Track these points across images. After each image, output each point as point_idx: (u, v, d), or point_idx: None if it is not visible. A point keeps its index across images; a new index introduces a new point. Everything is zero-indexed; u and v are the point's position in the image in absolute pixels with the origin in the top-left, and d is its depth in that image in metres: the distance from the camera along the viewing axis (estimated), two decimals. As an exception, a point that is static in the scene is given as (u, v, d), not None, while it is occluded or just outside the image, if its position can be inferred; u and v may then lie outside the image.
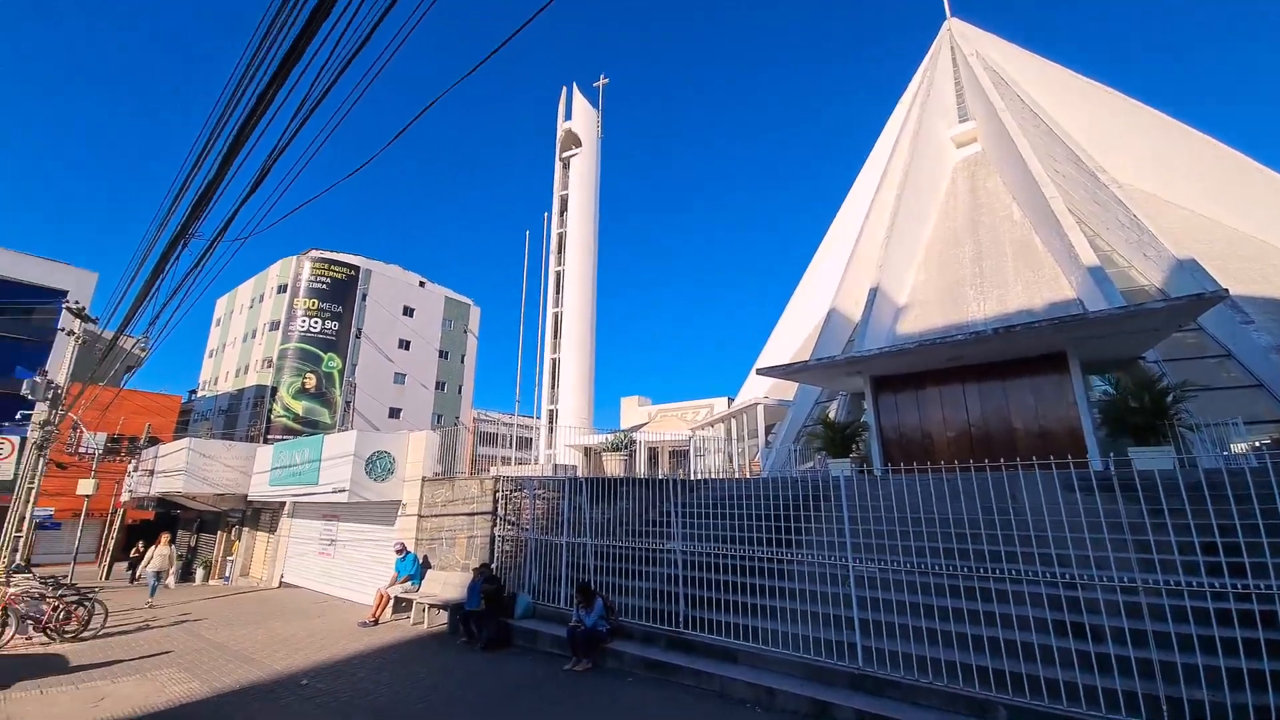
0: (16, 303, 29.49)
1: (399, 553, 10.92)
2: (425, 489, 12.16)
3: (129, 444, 23.44)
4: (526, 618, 8.88)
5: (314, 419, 31.37)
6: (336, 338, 34.53)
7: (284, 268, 37.68)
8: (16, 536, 13.84)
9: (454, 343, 45.95)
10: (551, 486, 10.43)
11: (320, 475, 12.89)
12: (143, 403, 29.59)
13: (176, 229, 4.92)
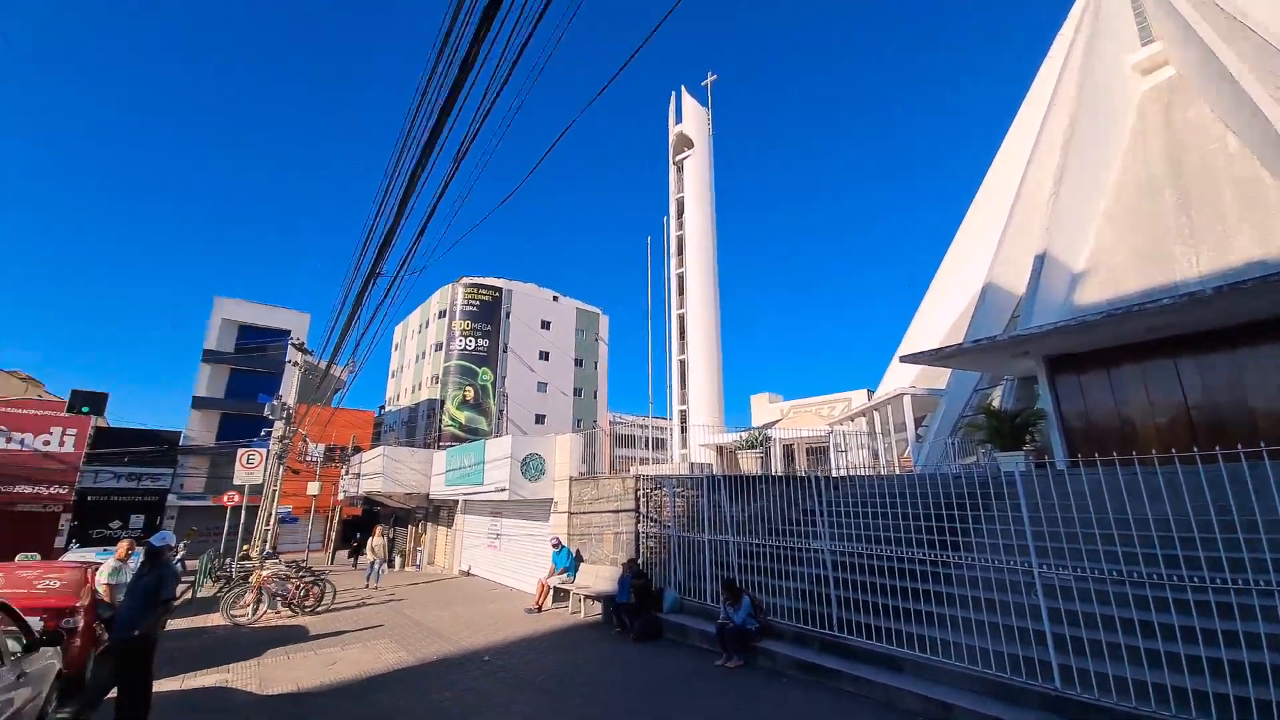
0: (258, 343, 37.08)
1: (555, 546, 11.84)
2: (573, 488, 13.04)
3: (340, 452, 28.19)
4: (674, 612, 9.13)
5: (475, 427, 35.16)
6: (488, 353, 38.41)
7: (442, 295, 42.91)
8: (266, 529, 17.40)
9: (587, 351, 48.63)
10: (689, 485, 10.61)
11: (484, 476, 14.45)
12: (348, 418, 35.51)
13: (368, 270, 5.99)
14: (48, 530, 26.74)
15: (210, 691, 6.47)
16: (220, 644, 8.95)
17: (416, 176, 5.01)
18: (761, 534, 8.96)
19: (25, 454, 28.23)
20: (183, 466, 32.30)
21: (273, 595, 11.39)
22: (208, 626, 10.41)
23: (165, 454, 32.16)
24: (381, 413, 50.28)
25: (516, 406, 41.14)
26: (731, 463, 17.19)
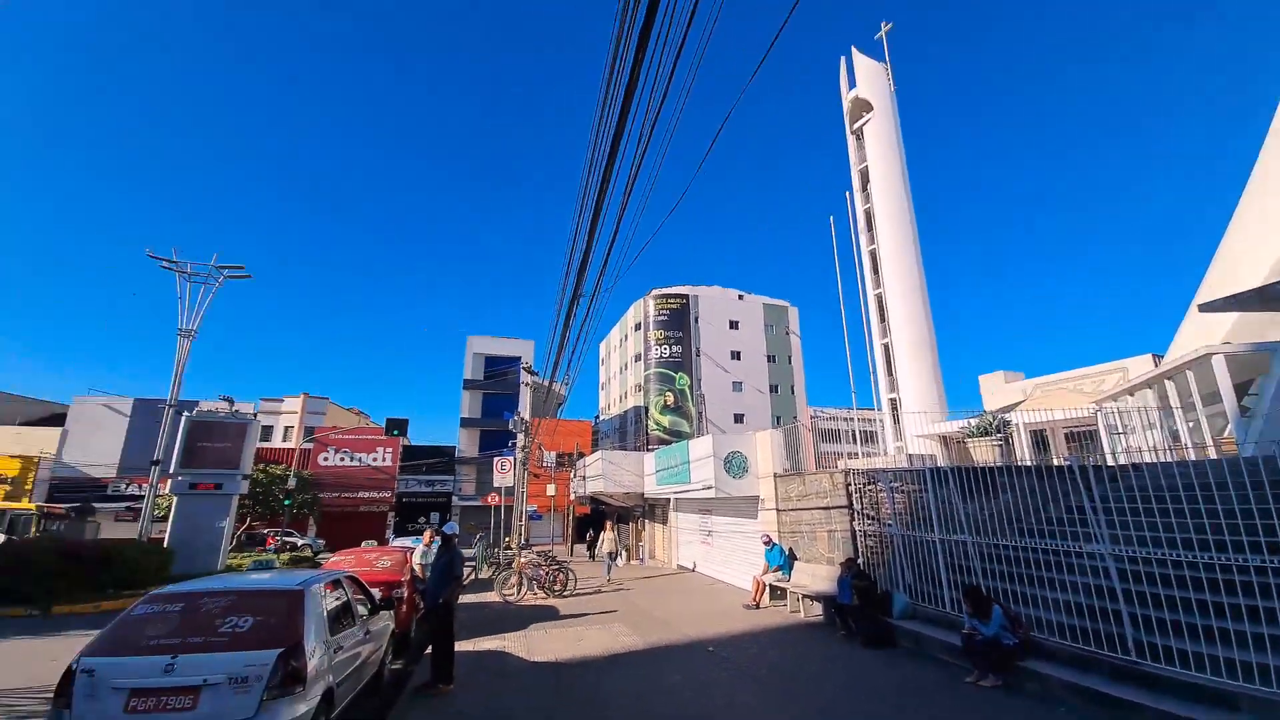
0: (499, 370, 44.31)
1: (766, 544, 11.77)
2: (778, 484, 12.82)
3: (568, 458, 32.10)
4: (905, 618, 8.33)
5: (678, 430, 36.85)
6: (682, 359, 39.99)
7: (636, 309, 46.11)
8: (519, 524, 20.63)
9: (778, 346, 47.31)
10: (909, 479, 9.60)
11: (690, 475, 15.06)
12: (571, 428, 40.29)
13: (571, 293, 6.88)
14: (380, 524, 35.63)
15: (493, 654, 7.96)
16: (497, 617, 10.94)
17: (600, 200, 5.55)
18: (1008, 534, 7.65)
19: (362, 469, 38.13)
20: (459, 474, 40.28)
21: (529, 579, 13.49)
22: (487, 602, 12.79)
23: (447, 464, 40.50)
24: (597, 422, 55.81)
25: (714, 407, 41.89)
26: (960, 453, 15.01)
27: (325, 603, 4.87)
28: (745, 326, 46.65)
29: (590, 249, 5.70)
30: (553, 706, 5.74)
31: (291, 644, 4.04)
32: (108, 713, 3.52)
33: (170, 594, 4.34)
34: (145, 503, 20.65)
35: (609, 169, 4.46)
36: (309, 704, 4.04)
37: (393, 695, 6.28)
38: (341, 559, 9.27)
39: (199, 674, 3.71)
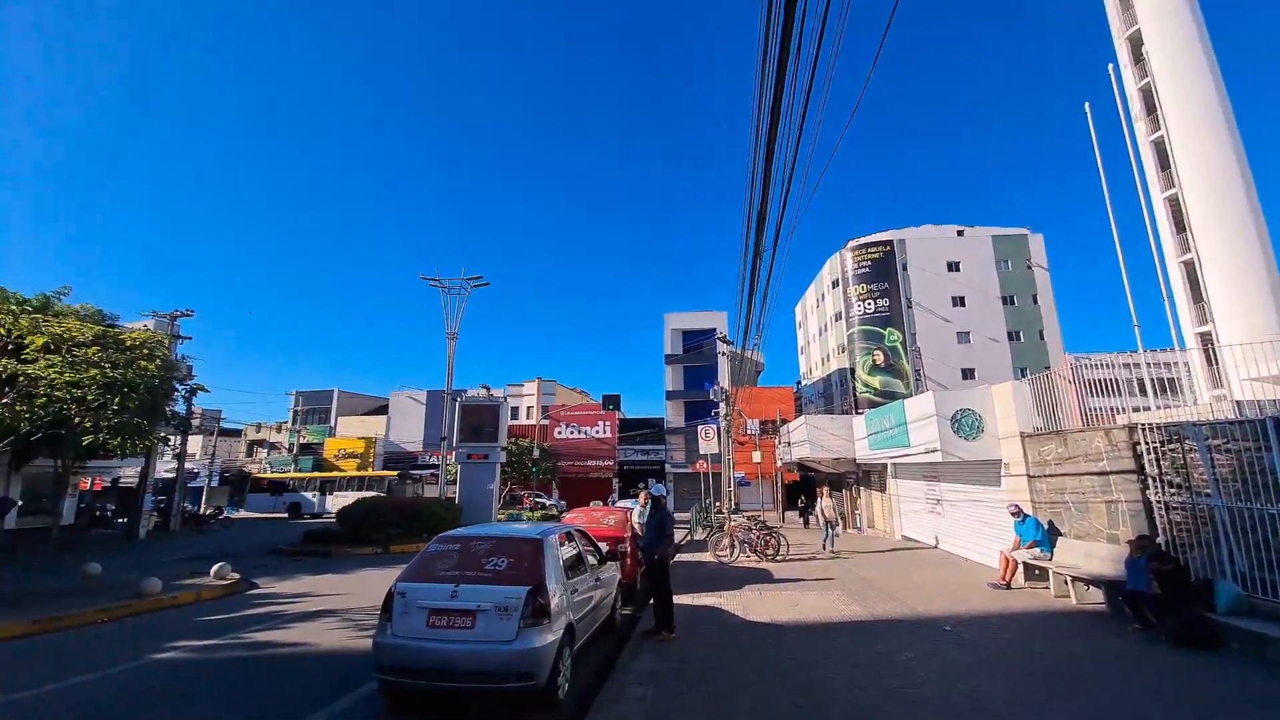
0: (695, 344, 45.57)
1: (1015, 515, 10.00)
2: (1027, 446, 10.74)
3: (770, 425, 31.68)
4: (1237, 614, 6.29)
5: (891, 390, 33.40)
6: (890, 312, 35.92)
7: (831, 265, 42.77)
8: (728, 490, 21.07)
9: (1017, 284, 39.32)
10: (1241, 434, 7.12)
11: (909, 438, 13.53)
12: (772, 395, 39.62)
13: (754, 247, 6.61)
14: (605, 488, 39.90)
15: (710, 609, 8.31)
16: (712, 576, 11.40)
17: (772, 139, 5.14)
18: None
19: (588, 440, 43.03)
20: (669, 443, 42.91)
21: (741, 542, 13.74)
22: (702, 561, 13.42)
23: (657, 434, 43.43)
24: (799, 387, 53.79)
25: (934, 363, 36.89)
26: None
27: (560, 551, 5.61)
28: (969, 266, 39.78)
29: (767, 194, 5.34)
30: (769, 665, 5.75)
31: (536, 583, 4.77)
32: (415, 625, 4.60)
33: (451, 537, 5.49)
34: (440, 470, 26.51)
35: (778, 95, 4.08)
36: (554, 634, 4.72)
37: (624, 637, 7.01)
38: (574, 516, 10.65)
39: (474, 601, 4.62)
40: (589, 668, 6.01)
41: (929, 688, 5.12)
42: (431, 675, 4.45)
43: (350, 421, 53.98)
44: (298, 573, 13.26)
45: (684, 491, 41.20)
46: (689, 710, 4.63)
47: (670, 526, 7.08)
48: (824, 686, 5.14)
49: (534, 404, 50.25)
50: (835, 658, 5.96)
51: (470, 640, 4.49)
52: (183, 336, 26.45)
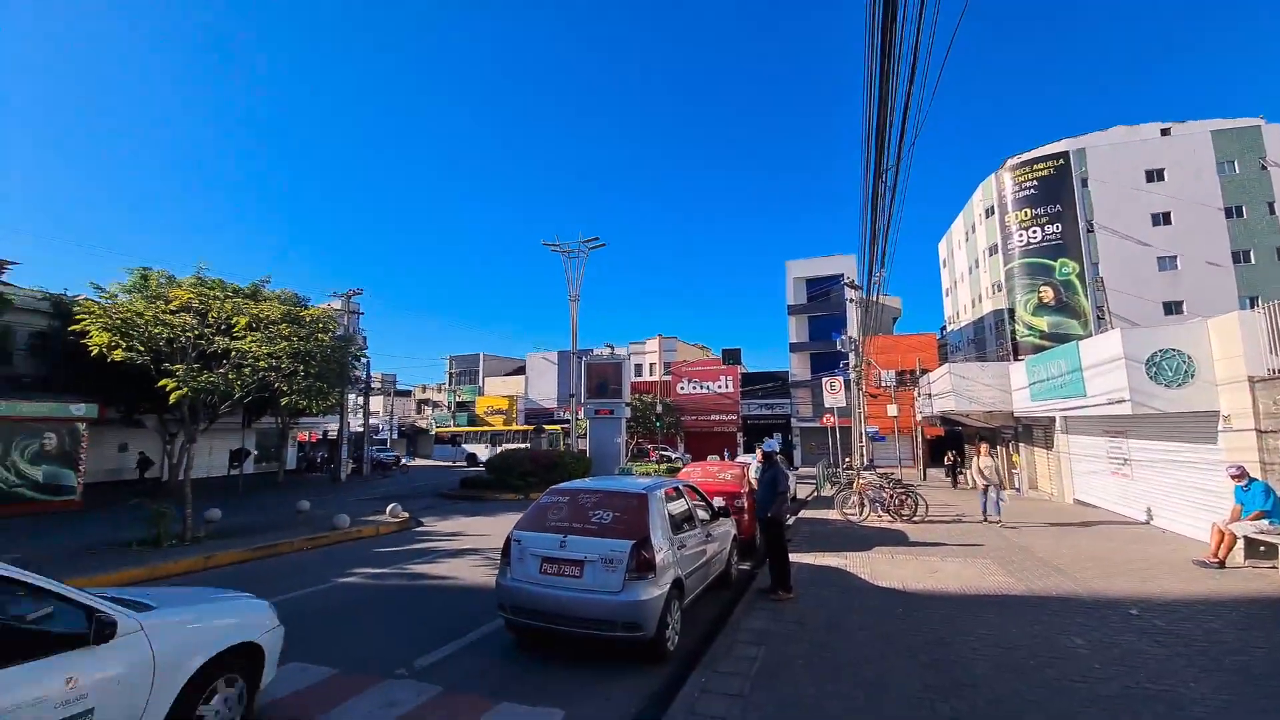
0: (821, 290, 42.77)
1: (1237, 479, 8.02)
2: (1258, 393, 8.46)
3: (909, 375, 28.96)
4: None
5: (1061, 332, 28.52)
6: (1062, 239, 30.30)
7: (984, 191, 36.92)
8: (859, 446, 19.75)
9: (1246, 190, 30.82)
10: None
11: (1086, 386, 11.43)
12: (910, 343, 36.14)
13: (874, 166, 5.68)
14: (729, 443, 39.77)
15: (834, 570, 7.87)
16: (838, 535, 10.81)
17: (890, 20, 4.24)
18: None
19: (710, 395, 42.98)
20: (794, 397, 41.34)
21: (872, 501, 12.84)
22: (828, 519, 12.80)
23: (781, 388, 42.05)
24: (943, 334, 48.37)
25: (1125, 297, 30.74)
26: None
27: (668, 506, 5.56)
28: (1177, 173, 31.89)
29: (887, 89, 4.45)
30: (897, 636, 5.26)
31: (641, 538, 4.76)
32: (530, 571, 4.86)
33: (561, 490, 5.69)
34: (571, 425, 28.27)
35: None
36: (660, 589, 4.71)
37: (739, 593, 6.89)
38: (689, 471, 10.62)
39: (581, 552, 4.75)
40: (702, 621, 6.01)
41: (1103, 683, 4.31)
42: (545, 617, 4.71)
43: (495, 381, 59.54)
44: (454, 514, 15.10)
45: (811, 447, 39.66)
46: (801, 677, 4.39)
47: (784, 483, 6.70)
48: (962, 667, 4.57)
49: (656, 360, 51.18)
50: (979, 636, 5.29)
51: (579, 589, 4.64)
52: (358, 311, 30.73)
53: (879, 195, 6.54)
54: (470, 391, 60.19)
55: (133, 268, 16.03)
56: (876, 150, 5.33)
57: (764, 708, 3.87)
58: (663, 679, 4.56)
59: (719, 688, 4.17)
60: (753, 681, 4.29)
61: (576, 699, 4.16)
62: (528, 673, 4.65)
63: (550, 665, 4.78)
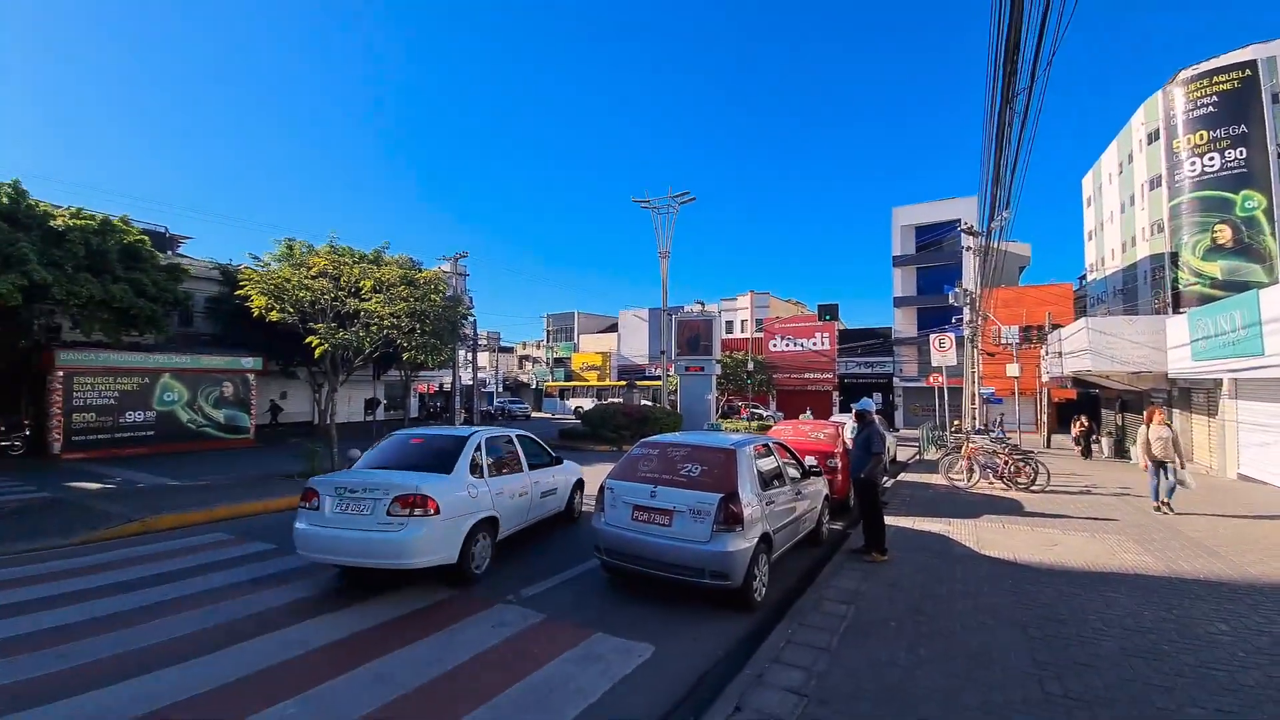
0: (933, 239, 39.08)
1: None
2: None
3: (1036, 331, 26.00)
4: None
5: (1239, 280, 23.94)
6: (1247, 167, 25.00)
7: (1146, 112, 31.01)
8: (971, 409, 18.25)
9: None
10: None
11: (1265, 343, 9.64)
12: (1039, 295, 32.24)
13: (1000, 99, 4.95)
14: (825, 402, 38.48)
15: (935, 537, 7.51)
16: (941, 500, 10.23)
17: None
18: None
19: (805, 353, 41.51)
20: (898, 355, 38.79)
21: (983, 466, 11.93)
22: (931, 484, 12.12)
23: (882, 345, 39.58)
24: (1082, 284, 42.56)
25: (1339, 233, 25.03)
26: None
27: (757, 462, 5.57)
28: None
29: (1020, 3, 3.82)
30: (1005, 609, 4.97)
31: (729, 491, 4.84)
32: (622, 517, 5.14)
33: (651, 443, 5.87)
34: (663, 381, 28.72)
35: None
36: (748, 542, 4.80)
37: (830, 552, 6.82)
38: (780, 429, 10.46)
39: (670, 502, 4.93)
40: (792, 576, 6.05)
41: (1245, 671, 3.83)
42: (636, 560, 4.99)
43: (589, 338, 61.52)
44: (552, 463, 16.12)
45: (915, 408, 37.28)
46: (893, 640, 4.32)
47: (879, 444, 6.42)
48: (1081, 647, 4.25)
49: (748, 317, 49.99)
50: (1103, 616, 4.86)
51: (668, 536, 4.85)
52: (464, 273, 32.85)
53: (1006, 125, 5.72)
54: (566, 348, 62.75)
55: (280, 239, 18.21)
56: (1006, 70, 4.63)
57: (851, 665, 3.88)
58: (749, 626, 4.71)
59: (806, 640, 4.23)
60: (841, 638, 4.29)
61: (665, 637, 4.42)
62: (621, 609, 4.99)
63: (642, 604, 5.09)
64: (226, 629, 4.45)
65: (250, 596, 5.17)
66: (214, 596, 5.16)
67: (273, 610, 4.84)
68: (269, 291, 11.36)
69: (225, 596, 5.15)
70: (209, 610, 4.82)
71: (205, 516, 8.30)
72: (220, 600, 5.06)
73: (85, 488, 10.65)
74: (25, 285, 12.79)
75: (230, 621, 4.60)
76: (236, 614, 4.74)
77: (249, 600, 5.07)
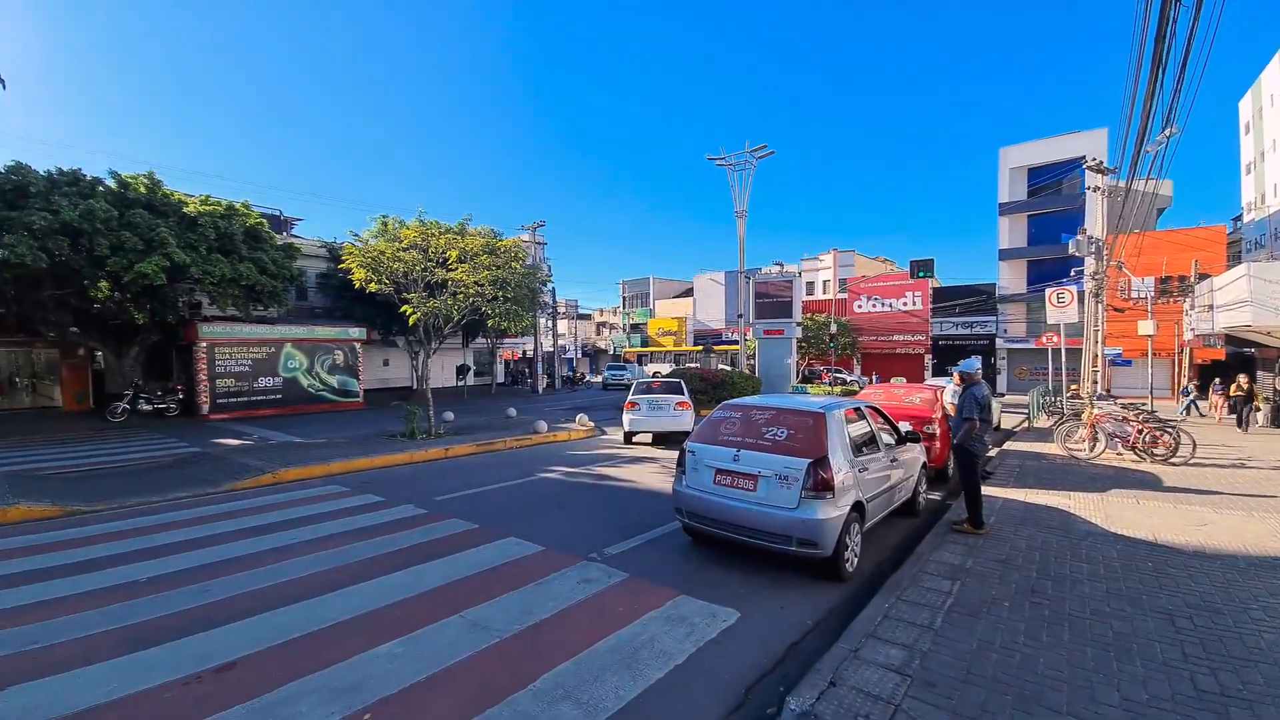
0: (1049, 181, 34.68)
1: None
2: None
3: (1179, 283, 22.61)
4: None
5: None
6: None
7: (1348, 3, 25.07)
8: (1094, 371, 16.27)
9: None
10: None
11: None
12: (1181, 240, 27.90)
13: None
14: (916, 366, 36.09)
15: (1053, 510, 6.78)
16: (1056, 471, 9.24)
17: None
18: None
19: (893, 313, 38.91)
20: (1002, 314, 35.31)
21: (1109, 435, 10.62)
22: (1044, 454, 11.00)
23: (984, 303, 36.17)
24: (1237, 226, 36.34)
25: None
26: None
27: (848, 427, 5.21)
28: None
29: None
30: (1145, 593, 4.37)
31: (818, 456, 4.56)
32: (704, 481, 5.00)
33: (733, 405, 5.65)
34: (740, 345, 28.12)
35: None
36: (840, 509, 4.51)
37: (928, 524, 6.35)
38: (871, 393, 9.80)
39: (755, 466, 4.73)
40: (886, 547, 5.70)
41: None
42: (719, 525, 4.87)
43: (664, 304, 61.26)
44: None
45: (1022, 371, 34.03)
46: (1007, 622, 3.92)
47: (971, 409, 5.77)
48: (1240, 640, 3.65)
49: (830, 277, 47.42)
50: (1266, 606, 4.15)
51: (753, 501, 4.67)
52: (542, 242, 33.49)
53: (1169, 19, 4.64)
54: (642, 314, 62.94)
55: (375, 215, 19.33)
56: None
57: (960, 647, 3.57)
58: (841, 597, 4.48)
59: (905, 616, 3.94)
60: (945, 616, 3.97)
61: (751, 603, 4.30)
62: (704, 571, 4.92)
63: (726, 567, 4.99)
64: (341, 571, 4.87)
65: (360, 543, 5.62)
66: (332, 541, 5.66)
67: (381, 557, 5.23)
68: (367, 265, 12.08)
69: (340, 542, 5.64)
70: (326, 554, 5.29)
71: (322, 471, 9.16)
72: (336, 545, 5.54)
73: (227, 443, 12.12)
74: (167, 265, 14.47)
75: (344, 565, 5.02)
76: (349, 559, 5.18)
77: (359, 547, 5.52)
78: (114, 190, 15.28)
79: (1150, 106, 6.30)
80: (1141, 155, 8.24)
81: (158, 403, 17.82)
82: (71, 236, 14.01)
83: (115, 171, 15.65)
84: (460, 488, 8.05)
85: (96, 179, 15.30)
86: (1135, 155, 8.51)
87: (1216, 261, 26.21)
